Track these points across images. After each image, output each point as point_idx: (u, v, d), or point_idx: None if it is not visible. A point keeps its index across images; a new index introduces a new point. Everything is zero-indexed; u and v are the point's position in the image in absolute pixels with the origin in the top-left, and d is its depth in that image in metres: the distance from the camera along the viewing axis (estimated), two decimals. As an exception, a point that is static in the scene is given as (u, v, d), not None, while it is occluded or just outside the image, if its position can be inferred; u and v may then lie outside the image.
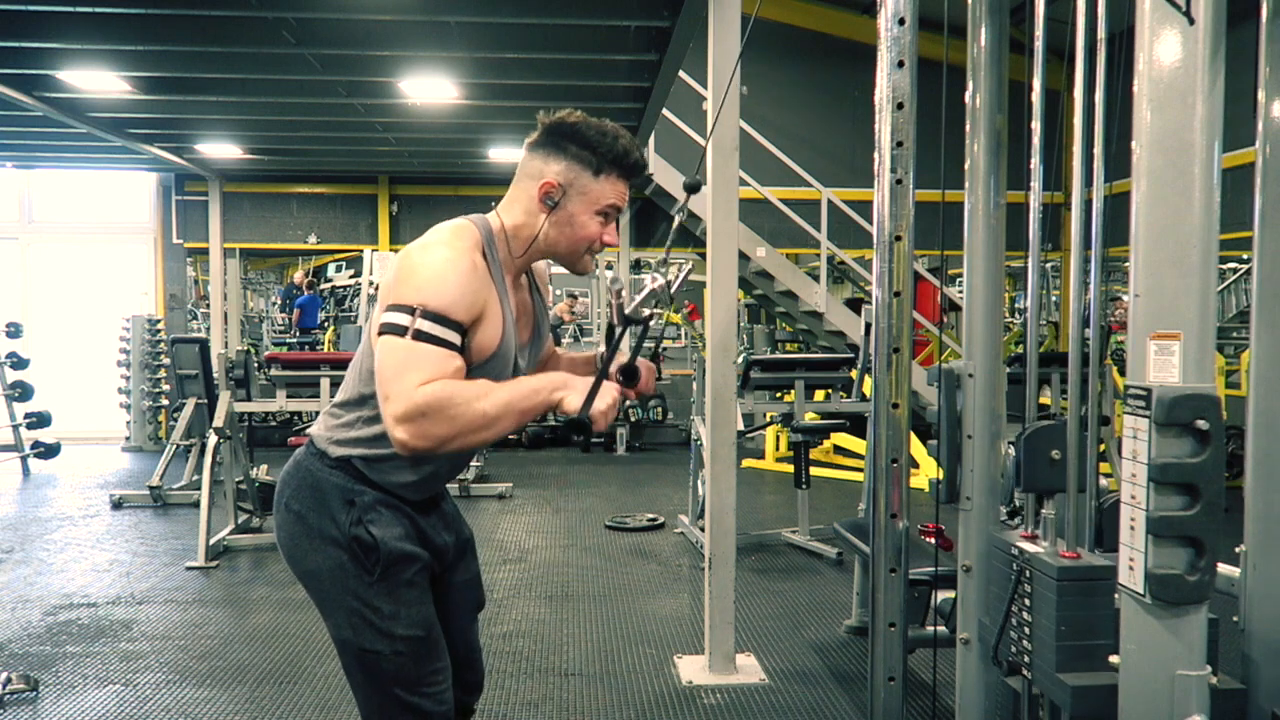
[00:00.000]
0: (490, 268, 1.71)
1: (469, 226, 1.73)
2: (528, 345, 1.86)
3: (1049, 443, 2.07)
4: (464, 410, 1.54)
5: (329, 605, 1.79)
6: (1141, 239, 1.61)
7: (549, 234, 1.75)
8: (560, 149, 1.73)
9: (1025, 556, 2.01)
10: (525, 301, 1.87)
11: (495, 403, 1.57)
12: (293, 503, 1.80)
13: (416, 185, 10.03)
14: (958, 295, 9.29)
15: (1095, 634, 1.88)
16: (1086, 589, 1.89)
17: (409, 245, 1.70)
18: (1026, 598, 1.99)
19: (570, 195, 1.73)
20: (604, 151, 1.72)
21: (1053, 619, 1.89)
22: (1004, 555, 2.10)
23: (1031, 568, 1.97)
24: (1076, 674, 1.86)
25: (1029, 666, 1.99)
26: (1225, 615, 1.86)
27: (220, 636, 4.08)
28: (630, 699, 3.45)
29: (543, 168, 1.74)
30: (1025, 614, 2.00)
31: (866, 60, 3.01)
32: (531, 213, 1.75)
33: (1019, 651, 2.03)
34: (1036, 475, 2.08)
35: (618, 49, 5.43)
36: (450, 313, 1.60)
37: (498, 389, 1.59)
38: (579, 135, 1.72)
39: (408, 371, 1.55)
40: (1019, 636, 2.02)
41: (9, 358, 7.93)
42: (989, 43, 2.27)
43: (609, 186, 1.75)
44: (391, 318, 1.60)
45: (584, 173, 1.73)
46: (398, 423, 1.54)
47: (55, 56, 5.59)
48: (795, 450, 5.35)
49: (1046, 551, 1.98)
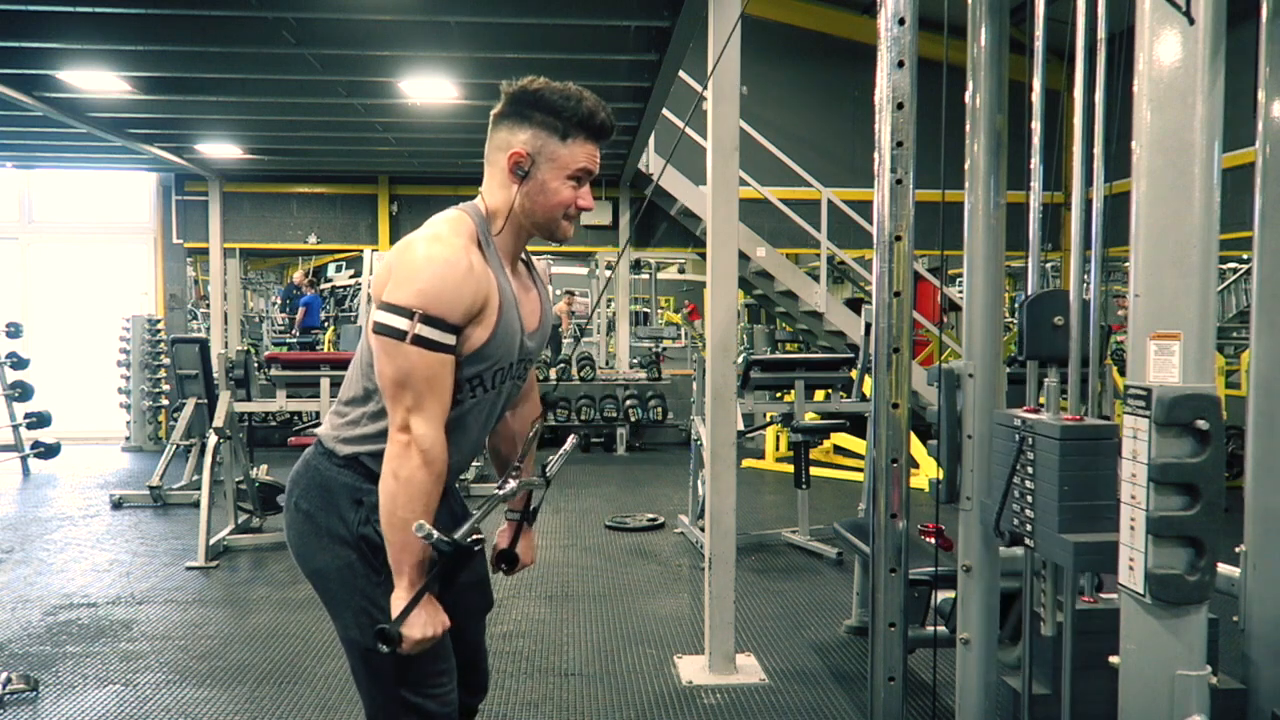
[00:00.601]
0: (487, 256, 1.71)
1: (463, 218, 1.73)
2: (536, 331, 1.86)
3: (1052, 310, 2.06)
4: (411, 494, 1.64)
5: (337, 604, 1.79)
6: (1141, 239, 1.61)
7: (523, 204, 1.74)
8: (525, 117, 1.71)
9: (1028, 424, 2.01)
10: (527, 286, 1.87)
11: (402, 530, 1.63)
12: (302, 502, 1.80)
13: (416, 185, 10.03)
14: (958, 295, 9.29)
15: (1097, 495, 1.89)
16: (1089, 448, 1.90)
17: (408, 238, 1.69)
18: (1029, 466, 2.00)
19: (540, 163, 1.72)
20: (569, 115, 1.70)
21: (1055, 481, 1.90)
22: (1006, 429, 2.10)
23: (1034, 433, 1.98)
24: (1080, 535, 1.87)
25: (1031, 534, 1.99)
26: (1225, 615, 1.86)
27: (220, 636, 4.08)
28: (630, 699, 3.45)
29: (509, 138, 1.72)
30: (1028, 483, 2.01)
31: (866, 60, 3.01)
32: (505, 185, 1.74)
33: (1021, 522, 2.03)
34: (1039, 343, 2.08)
35: (618, 49, 5.43)
36: (448, 317, 1.62)
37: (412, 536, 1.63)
38: (543, 101, 1.71)
39: (405, 390, 1.63)
40: (1021, 507, 2.03)
41: (9, 358, 7.93)
42: (989, 43, 2.27)
43: (579, 150, 1.73)
44: (390, 319, 1.61)
45: (551, 139, 1.71)
46: (393, 432, 1.65)
47: (55, 56, 5.59)
48: (795, 450, 5.34)
49: (1049, 417, 1.99)
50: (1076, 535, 1.85)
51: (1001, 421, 2.13)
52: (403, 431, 1.63)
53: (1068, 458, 1.89)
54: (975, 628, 2.32)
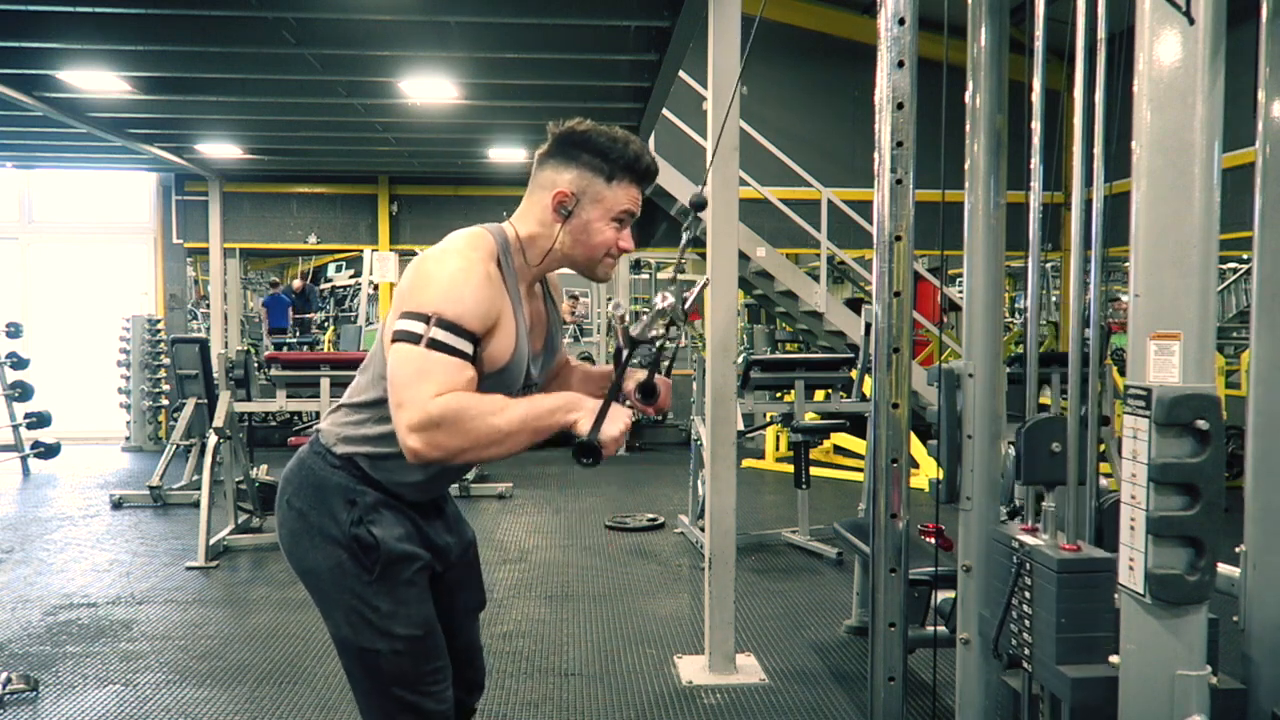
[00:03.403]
0: (505, 277, 1.72)
1: (484, 235, 1.73)
2: (540, 355, 1.86)
3: (1049, 436, 2.07)
4: (477, 424, 1.55)
5: (328, 603, 1.79)
6: (1141, 239, 1.61)
7: (565, 243, 1.75)
8: (572, 158, 1.73)
9: (1026, 549, 2.01)
10: (539, 311, 1.87)
11: (509, 419, 1.57)
12: (295, 500, 1.81)
13: (416, 185, 10.02)
14: (958, 295, 9.29)
15: (1095, 626, 1.88)
16: (1087, 581, 1.89)
17: (425, 252, 1.70)
18: (1027, 590, 2.00)
19: (584, 203, 1.73)
20: (616, 158, 1.73)
21: (1053, 611, 1.89)
22: (1004, 549, 2.10)
23: (1032, 560, 1.98)
24: (1077, 666, 1.86)
25: (1029, 659, 1.99)
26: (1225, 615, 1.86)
27: (220, 636, 4.08)
28: (630, 699, 3.45)
29: (555, 177, 1.74)
30: (1026, 606, 2.00)
31: (866, 60, 3.01)
32: (545, 223, 1.75)
33: (1019, 644, 2.03)
34: (1037, 468, 2.08)
35: (618, 49, 5.43)
36: (464, 322, 1.60)
37: (512, 405, 1.59)
38: (590, 143, 1.73)
39: (422, 381, 1.56)
40: (1019, 629, 2.03)
41: (9, 358, 7.92)
42: (989, 43, 2.27)
43: (622, 193, 1.75)
44: (406, 325, 1.60)
45: (596, 180, 1.73)
46: (410, 431, 1.55)
47: (55, 56, 5.59)
48: (795, 450, 5.35)
49: (1047, 544, 1.98)
50: (1074, 669, 1.85)
51: (999, 540, 2.13)
52: (428, 418, 1.54)
53: (1066, 590, 1.88)
54: (975, 628, 2.32)
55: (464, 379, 1.59)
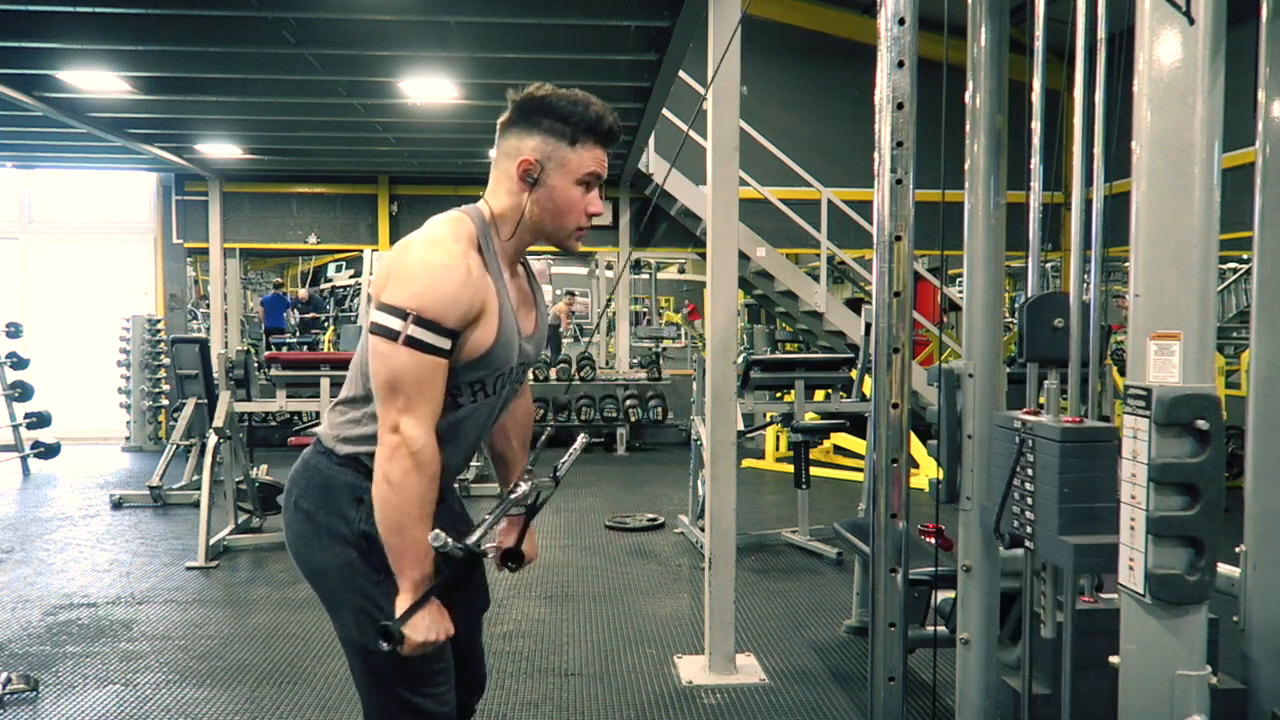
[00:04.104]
0: (486, 260, 1.72)
1: (463, 220, 1.73)
2: (534, 335, 1.86)
3: (1052, 312, 2.06)
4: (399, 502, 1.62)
5: (336, 603, 1.79)
6: (1141, 239, 1.61)
7: (533, 211, 1.75)
8: (533, 124, 1.73)
9: (1028, 426, 2.01)
10: (524, 290, 1.87)
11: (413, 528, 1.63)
12: (302, 501, 1.80)
13: (416, 185, 10.03)
14: (958, 295, 9.29)
15: (1097, 496, 1.89)
16: (1089, 450, 1.90)
17: (406, 239, 1.70)
18: (1029, 468, 2.00)
19: (549, 169, 1.73)
20: (577, 120, 1.72)
21: (1056, 483, 1.89)
22: (1006, 432, 2.10)
23: (1034, 436, 1.98)
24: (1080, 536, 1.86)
25: (1031, 536, 1.99)
26: (1225, 615, 1.86)
27: (220, 636, 4.08)
28: (630, 699, 3.45)
29: (518, 145, 1.74)
30: (1028, 484, 2.01)
31: (866, 60, 3.01)
32: (514, 193, 1.75)
33: (1021, 524, 2.03)
34: (1039, 345, 2.07)
35: (618, 49, 5.43)
36: (443, 320, 1.61)
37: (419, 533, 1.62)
38: (550, 107, 1.72)
39: (393, 394, 1.62)
40: (1021, 509, 2.03)
41: (9, 358, 7.92)
42: (989, 43, 2.27)
43: (587, 155, 1.74)
44: (384, 319, 1.62)
45: (560, 144, 1.72)
46: (381, 433, 1.64)
47: (55, 56, 5.59)
48: (795, 450, 5.34)
49: (1049, 419, 1.99)
50: (1076, 537, 1.85)
51: (1001, 423, 2.13)
52: (393, 433, 1.62)
53: (1068, 460, 1.88)
54: (975, 628, 2.32)
55: (437, 376, 1.64)
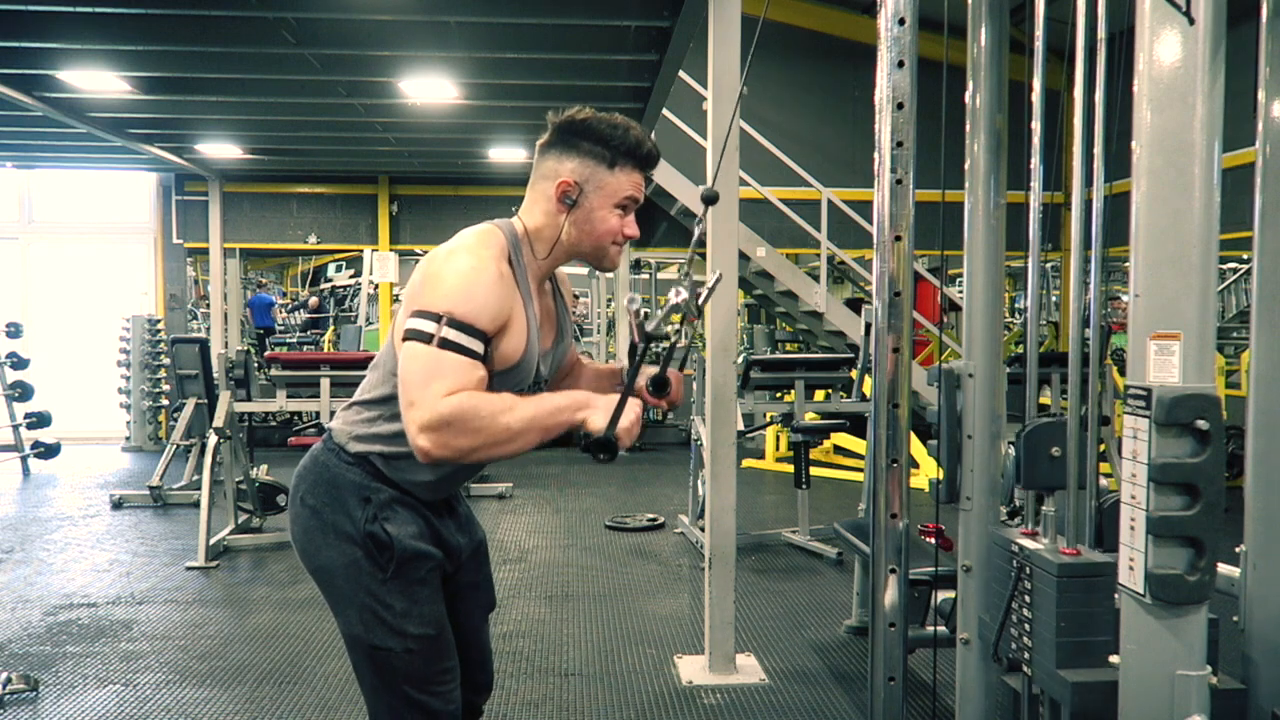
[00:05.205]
0: (516, 274, 1.72)
1: (495, 232, 1.73)
2: (550, 351, 1.86)
3: (1049, 440, 2.07)
4: (488, 423, 1.56)
5: (341, 601, 1.78)
6: (1141, 239, 1.61)
7: (570, 233, 1.76)
8: (573, 146, 1.74)
9: (1025, 553, 2.01)
10: (549, 307, 1.87)
11: (519, 418, 1.58)
12: (308, 498, 1.80)
13: (416, 185, 10.03)
14: (958, 295, 9.29)
15: (1095, 630, 1.88)
16: (1087, 585, 1.89)
17: (435, 250, 1.70)
18: (1027, 594, 1.99)
19: (587, 192, 1.74)
20: (617, 144, 1.73)
21: (1053, 615, 1.89)
22: (1004, 552, 2.10)
23: (1031, 564, 1.98)
24: (1076, 670, 1.86)
25: (1029, 663, 1.99)
26: (1225, 615, 1.86)
27: (220, 636, 4.08)
28: (630, 699, 3.45)
29: (557, 167, 1.75)
30: (1025, 610, 2.00)
31: (866, 60, 3.01)
32: (550, 213, 1.76)
33: (1019, 648, 2.03)
34: (1037, 472, 2.08)
35: (618, 49, 5.43)
36: (475, 321, 1.60)
37: (522, 404, 1.59)
38: (590, 131, 1.73)
39: (432, 380, 1.56)
40: (1019, 634, 2.02)
41: (9, 358, 7.92)
42: (989, 43, 2.27)
43: (625, 179, 1.75)
44: (417, 324, 1.60)
45: (599, 168, 1.73)
46: (421, 431, 1.55)
47: (55, 56, 5.59)
48: (795, 450, 5.35)
49: (1047, 548, 1.98)
50: (1073, 672, 1.85)
51: (999, 544, 2.13)
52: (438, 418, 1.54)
53: (1065, 594, 1.88)
54: (975, 628, 2.32)
55: (475, 378, 1.60)
